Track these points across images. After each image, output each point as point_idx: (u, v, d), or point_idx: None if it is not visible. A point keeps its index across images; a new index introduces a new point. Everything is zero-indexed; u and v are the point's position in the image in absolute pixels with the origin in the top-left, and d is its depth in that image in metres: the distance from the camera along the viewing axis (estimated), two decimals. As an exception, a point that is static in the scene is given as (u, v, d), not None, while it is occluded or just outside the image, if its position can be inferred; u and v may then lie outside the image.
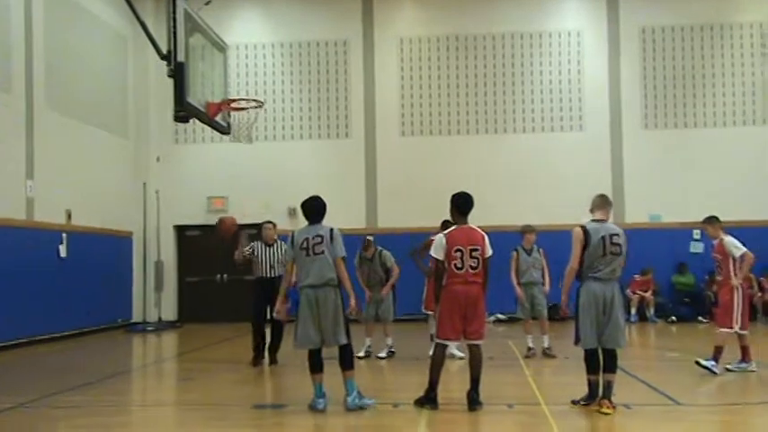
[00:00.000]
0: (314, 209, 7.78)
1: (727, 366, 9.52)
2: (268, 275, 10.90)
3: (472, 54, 19.32)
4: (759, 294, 17.69)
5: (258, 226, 11.08)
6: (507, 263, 11.58)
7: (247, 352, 10.92)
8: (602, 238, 7.35)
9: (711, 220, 9.84)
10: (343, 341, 7.56)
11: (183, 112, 10.94)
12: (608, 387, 7.28)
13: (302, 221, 8.05)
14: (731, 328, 9.42)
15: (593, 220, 7.57)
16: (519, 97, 19.21)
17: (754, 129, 18.66)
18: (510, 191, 18.38)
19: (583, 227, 7.47)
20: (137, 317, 18.55)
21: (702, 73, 18.91)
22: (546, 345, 11.31)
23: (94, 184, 16.86)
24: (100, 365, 11.78)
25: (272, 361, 10.90)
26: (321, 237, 7.57)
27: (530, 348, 11.40)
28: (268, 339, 11.01)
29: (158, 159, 19.22)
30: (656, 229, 18.10)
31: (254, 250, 11.05)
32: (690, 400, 7.98)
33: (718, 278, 9.78)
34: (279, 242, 11.10)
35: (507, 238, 11.71)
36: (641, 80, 19.00)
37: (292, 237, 7.73)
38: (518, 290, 11.48)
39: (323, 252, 7.52)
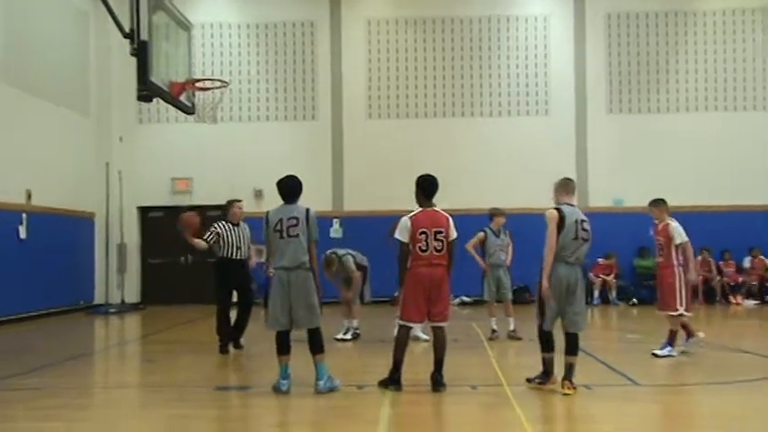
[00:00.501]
0: (289, 188, 7.70)
1: (654, 352, 9.56)
2: (234, 257, 10.36)
3: (440, 37, 19.30)
4: (718, 278, 18.03)
5: (223, 207, 10.72)
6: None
7: (211, 334, 10.72)
8: (576, 222, 7.42)
9: (658, 202, 9.81)
10: (317, 324, 7.54)
11: (147, 91, 10.77)
12: (569, 369, 7.37)
13: (268, 203, 8.02)
14: (676, 310, 9.48)
15: (564, 203, 7.61)
16: (486, 81, 19.26)
17: (717, 115, 18.93)
18: (476, 174, 18.45)
19: (557, 209, 7.51)
20: (99, 299, 18.33)
21: (666, 59, 19.13)
22: (511, 327, 11.40)
23: (55, 164, 16.57)
24: (61, 347, 11.63)
25: (236, 345, 10.54)
26: (297, 219, 7.50)
27: (494, 331, 11.49)
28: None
29: (121, 139, 18.96)
30: (619, 213, 18.32)
31: (218, 232, 10.42)
32: (648, 381, 8.12)
33: (660, 260, 9.78)
34: (243, 223, 10.64)
35: (473, 222, 11.77)
36: (606, 66, 19.16)
37: (267, 216, 7.65)
38: (479, 261, 11.56)
39: (297, 235, 7.45)
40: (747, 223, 18.26)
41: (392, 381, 7.56)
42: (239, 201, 10.87)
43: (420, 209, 7.65)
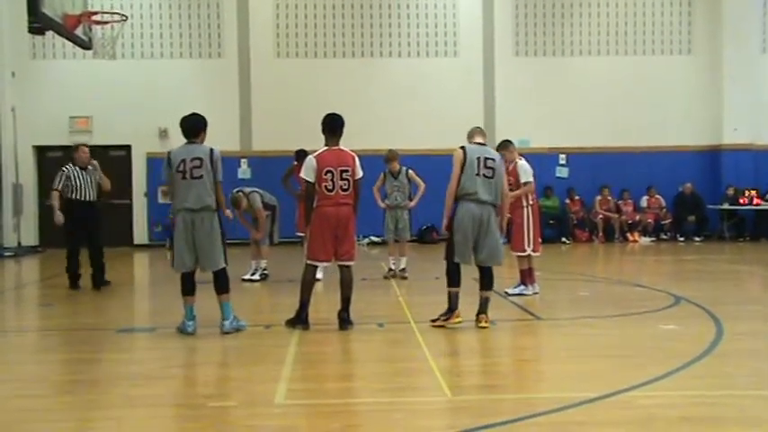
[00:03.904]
0: (191, 127, 7.46)
1: (506, 291, 9.67)
2: (82, 198, 10.58)
3: (348, -26, 18.97)
4: (616, 216, 18.73)
5: (125, 147, 10.52)
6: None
7: (117, 276, 10.52)
8: (478, 159, 7.50)
9: (507, 144, 9.72)
10: (221, 266, 7.44)
11: (39, 23, 10.28)
12: (485, 303, 7.60)
13: (173, 143, 7.78)
14: (524, 251, 9.60)
15: (474, 143, 7.72)
16: (395, 21, 19.10)
17: (621, 58, 19.32)
18: (385, 114, 18.42)
19: (463, 147, 7.61)
20: (-7, 242, 17.58)
21: (571, 2, 19.34)
22: (402, 266, 11.61)
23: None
24: (-47, 293, 11.15)
25: (102, 283, 10.72)
26: (200, 159, 7.28)
27: (390, 269, 11.66)
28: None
29: (13, 75, 17.98)
30: (525, 154, 18.54)
31: (67, 175, 10.55)
32: (549, 315, 8.42)
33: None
34: (92, 165, 10.79)
35: (382, 162, 11.81)
36: (513, 8, 19.25)
37: (169, 156, 7.41)
38: (379, 203, 11.71)
39: (201, 176, 7.26)
40: (646, 163, 18.94)
41: (299, 320, 7.58)
42: (84, 145, 11.03)
43: (326, 148, 7.59)
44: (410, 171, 11.77)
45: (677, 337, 7.23)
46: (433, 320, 7.73)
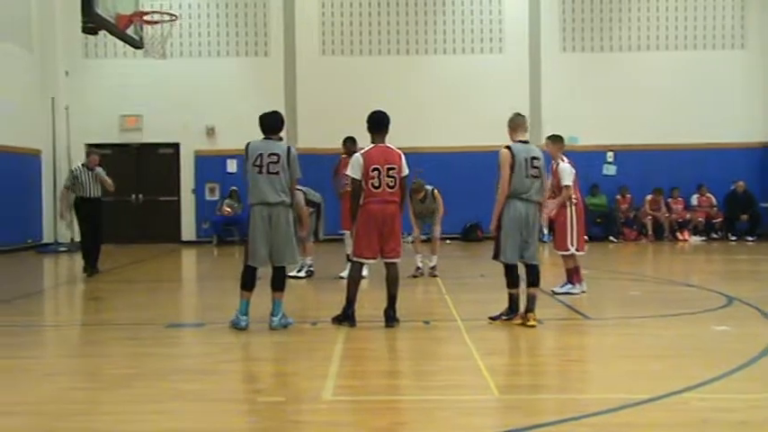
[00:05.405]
0: (269, 123, 7.59)
1: (553, 289, 9.55)
2: (87, 195, 12.10)
3: (394, -29, 18.96)
4: (666, 215, 18.41)
5: (174, 145, 11.01)
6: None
7: (165, 272, 10.73)
8: (525, 159, 7.48)
9: (555, 138, 9.58)
10: (290, 262, 7.55)
11: (92, 23, 10.49)
12: (532, 300, 7.55)
13: (220, 141, 7.84)
14: (568, 250, 9.48)
15: (519, 141, 7.64)
16: (440, 18, 19.05)
17: (671, 54, 19.02)
18: (430, 112, 18.37)
19: (509, 147, 7.54)
20: (47, 238, 17.98)
21: (625, -3, 19.09)
22: (432, 264, 11.56)
23: (-2, 100, 16.01)
24: (9, 286, 11.42)
25: (94, 270, 12.17)
26: (277, 156, 7.38)
27: (418, 268, 11.55)
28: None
29: (67, 74, 18.37)
30: (573, 152, 18.37)
31: (75, 176, 12.15)
32: (597, 315, 8.31)
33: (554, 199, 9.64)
34: (97, 168, 12.25)
35: (426, 159, 11.80)
36: (560, 3, 19.04)
37: (247, 148, 7.50)
38: (416, 231, 11.75)
39: (278, 172, 7.35)
40: (696, 161, 18.57)
41: (346, 317, 7.60)
42: (96, 151, 12.75)
43: (372, 145, 7.60)
44: (435, 191, 11.66)
45: (730, 339, 7.07)
46: (493, 318, 7.72)
